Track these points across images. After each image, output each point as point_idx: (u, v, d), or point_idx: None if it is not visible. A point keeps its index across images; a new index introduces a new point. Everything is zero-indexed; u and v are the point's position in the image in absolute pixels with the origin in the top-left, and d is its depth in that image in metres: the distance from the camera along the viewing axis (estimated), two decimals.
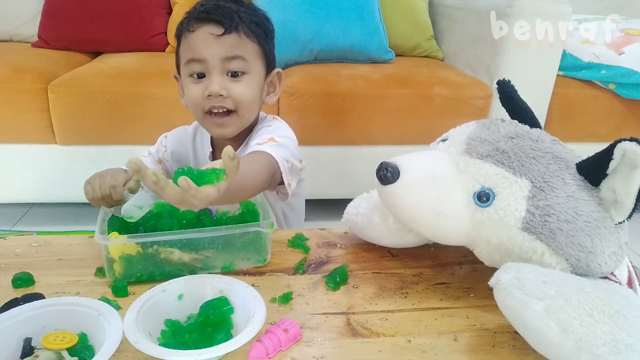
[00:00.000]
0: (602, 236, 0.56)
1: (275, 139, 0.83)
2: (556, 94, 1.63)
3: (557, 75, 1.61)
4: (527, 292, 0.50)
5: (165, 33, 1.88)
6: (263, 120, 0.93)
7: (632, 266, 0.67)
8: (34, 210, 1.74)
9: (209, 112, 0.82)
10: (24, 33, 1.91)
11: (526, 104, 0.69)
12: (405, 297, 0.67)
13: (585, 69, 1.72)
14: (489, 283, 0.55)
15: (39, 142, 1.51)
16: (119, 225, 0.70)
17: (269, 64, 0.86)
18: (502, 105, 0.71)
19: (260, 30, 0.82)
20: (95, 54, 1.84)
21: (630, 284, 0.63)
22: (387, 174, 0.61)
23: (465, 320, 0.63)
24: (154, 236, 0.66)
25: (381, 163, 0.62)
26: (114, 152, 1.53)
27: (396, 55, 1.86)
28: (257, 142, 0.82)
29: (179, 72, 0.86)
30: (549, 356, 0.52)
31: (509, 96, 0.70)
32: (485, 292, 0.67)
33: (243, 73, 0.81)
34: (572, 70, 1.74)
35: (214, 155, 0.92)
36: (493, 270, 0.56)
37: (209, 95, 0.79)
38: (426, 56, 1.97)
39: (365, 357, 0.56)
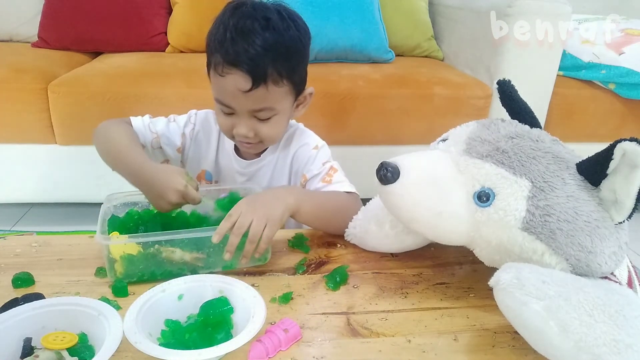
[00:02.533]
0: (602, 236, 0.56)
1: (335, 167, 0.89)
2: (556, 94, 1.63)
3: (557, 75, 1.61)
4: (527, 292, 0.51)
5: (165, 33, 1.88)
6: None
7: (632, 266, 0.67)
8: (34, 210, 1.74)
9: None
10: (24, 33, 1.91)
11: (526, 103, 0.69)
12: (405, 297, 0.67)
13: (585, 69, 1.72)
14: (489, 283, 0.55)
15: (39, 142, 1.51)
16: (119, 225, 0.70)
17: (299, 89, 0.84)
18: (502, 105, 0.71)
19: (290, 66, 0.78)
20: (95, 54, 1.84)
21: (630, 284, 0.63)
22: (387, 174, 0.61)
23: (465, 320, 0.63)
24: (155, 236, 0.66)
25: (381, 163, 0.62)
26: None
27: (396, 55, 1.86)
28: (318, 177, 0.88)
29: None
30: (549, 356, 0.52)
31: (509, 96, 0.70)
32: (485, 292, 0.67)
33: (272, 116, 0.81)
34: (572, 70, 1.75)
35: (237, 151, 0.93)
36: (493, 270, 0.55)
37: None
38: (426, 56, 1.97)
39: (365, 357, 0.56)
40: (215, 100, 0.82)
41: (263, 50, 0.74)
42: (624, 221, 0.57)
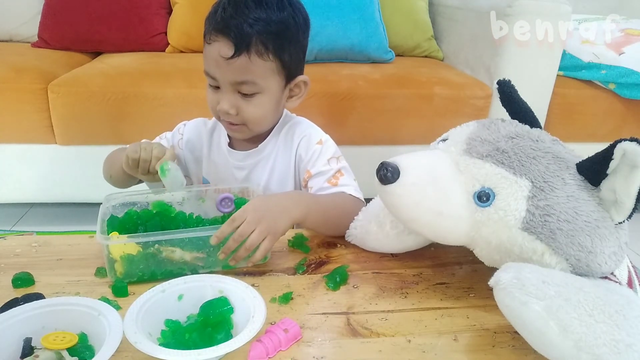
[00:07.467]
0: (602, 236, 0.56)
1: (343, 170, 0.87)
2: (556, 94, 1.63)
3: (557, 75, 1.61)
4: (527, 292, 0.50)
5: (165, 33, 1.88)
6: (288, 116, 0.93)
7: (632, 266, 0.67)
8: (34, 210, 1.74)
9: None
10: (24, 33, 1.91)
11: (526, 103, 0.69)
12: (405, 297, 0.67)
13: (585, 69, 1.72)
14: (489, 283, 0.55)
15: (39, 142, 1.51)
16: (118, 225, 0.70)
17: (290, 73, 0.82)
18: (502, 105, 0.71)
19: (279, 42, 0.77)
20: (95, 54, 1.84)
21: (630, 284, 0.63)
22: (387, 174, 0.61)
23: (465, 320, 0.63)
24: (155, 235, 0.66)
25: (381, 163, 0.62)
26: None
27: (396, 55, 1.86)
28: (323, 175, 0.86)
29: None
30: (549, 356, 0.52)
31: (509, 96, 0.70)
32: (485, 292, 0.67)
33: (255, 93, 0.80)
34: (572, 70, 1.75)
35: (232, 145, 0.92)
36: (493, 270, 0.55)
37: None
38: (426, 56, 1.97)
39: (365, 357, 0.56)
40: (204, 73, 0.81)
41: (251, 20, 0.75)
42: (624, 221, 0.57)
